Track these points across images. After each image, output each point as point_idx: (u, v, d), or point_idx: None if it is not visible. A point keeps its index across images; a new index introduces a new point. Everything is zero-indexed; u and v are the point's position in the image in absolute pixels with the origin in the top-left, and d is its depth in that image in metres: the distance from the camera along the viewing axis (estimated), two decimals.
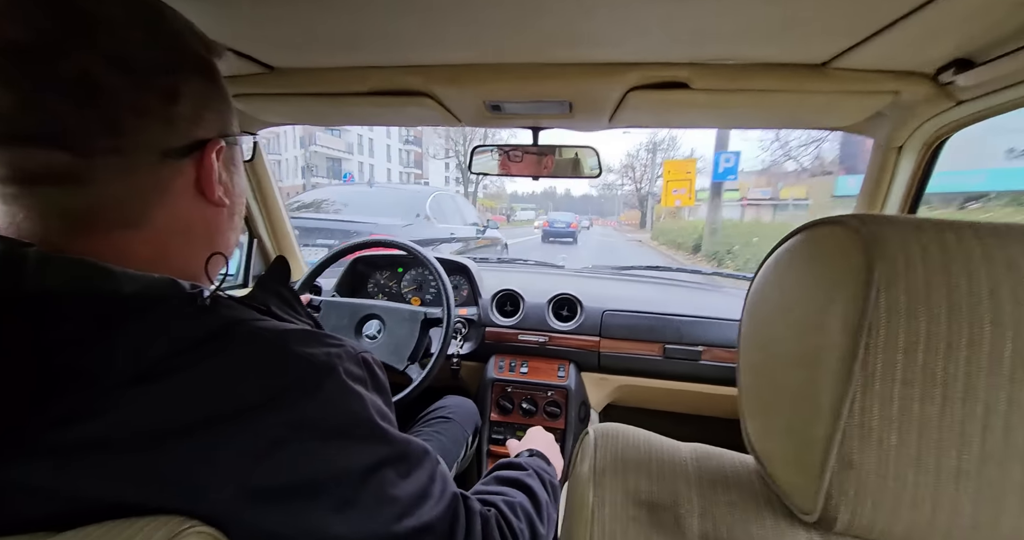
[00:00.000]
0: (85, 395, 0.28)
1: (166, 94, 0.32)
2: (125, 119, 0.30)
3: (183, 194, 0.35)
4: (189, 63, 0.34)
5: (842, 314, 0.26)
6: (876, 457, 0.25)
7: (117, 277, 0.31)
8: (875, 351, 0.24)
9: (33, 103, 0.28)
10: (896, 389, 0.24)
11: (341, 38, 0.66)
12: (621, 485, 0.33)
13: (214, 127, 0.36)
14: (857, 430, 0.25)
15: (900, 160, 0.82)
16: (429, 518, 0.35)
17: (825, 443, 0.26)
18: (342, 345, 0.36)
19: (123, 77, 0.30)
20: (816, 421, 0.26)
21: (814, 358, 0.27)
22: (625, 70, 0.72)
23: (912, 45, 0.58)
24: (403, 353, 1.05)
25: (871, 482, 0.25)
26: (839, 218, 0.28)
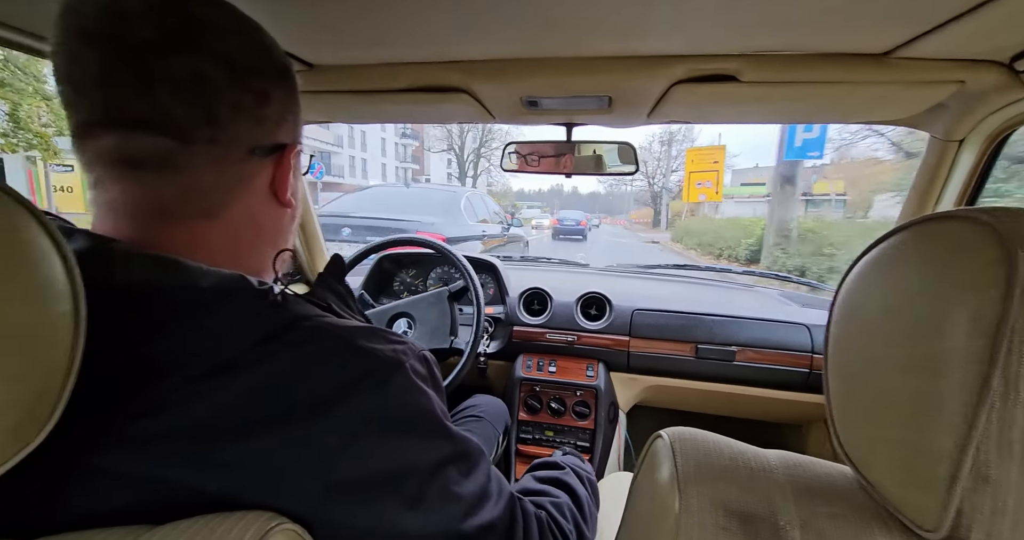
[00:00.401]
0: (168, 385, 0.28)
1: (259, 95, 0.35)
2: (223, 112, 0.33)
3: (259, 192, 0.37)
4: (278, 71, 0.37)
5: (972, 316, 0.23)
6: (1019, 472, 0.23)
7: (192, 272, 0.32)
8: (1019, 355, 0.22)
9: (148, 91, 0.31)
10: None
11: (379, 35, 0.66)
12: (709, 493, 0.31)
13: (291, 133, 0.39)
14: (995, 443, 0.23)
15: (960, 154, 0.78)
16: (491, 517, 0.36)
17: (955, 456, 0.24)
18: (406, 342, 0.36)
19: (225, 75, 0.33)
20: (940, 432, 0.24)
21: (933, 364, 0.25)
22: (671, 63, 0.70)
23: (988, 31, 0.54)
24: (443, 332, 1.06)
25: (1012, 500, 0.23)
26: (961, 212, 0.26)
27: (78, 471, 0.28)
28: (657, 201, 29.44)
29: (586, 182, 45.08)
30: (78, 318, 0.25)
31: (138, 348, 0.29)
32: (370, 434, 0.31)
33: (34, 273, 0.23)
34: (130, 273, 0.31)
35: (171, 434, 0.28)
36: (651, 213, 31.67)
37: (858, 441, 0.30)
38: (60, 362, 0.25)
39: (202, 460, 0.28)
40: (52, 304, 0.24)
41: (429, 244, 1.14)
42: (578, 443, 1.23)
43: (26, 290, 0.23)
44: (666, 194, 26.58)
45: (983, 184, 0.78)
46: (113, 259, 0.31)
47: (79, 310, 0.25)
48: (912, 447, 0.26)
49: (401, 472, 0.32)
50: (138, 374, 0.29)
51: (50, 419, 0.25)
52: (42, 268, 0.24)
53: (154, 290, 0.31)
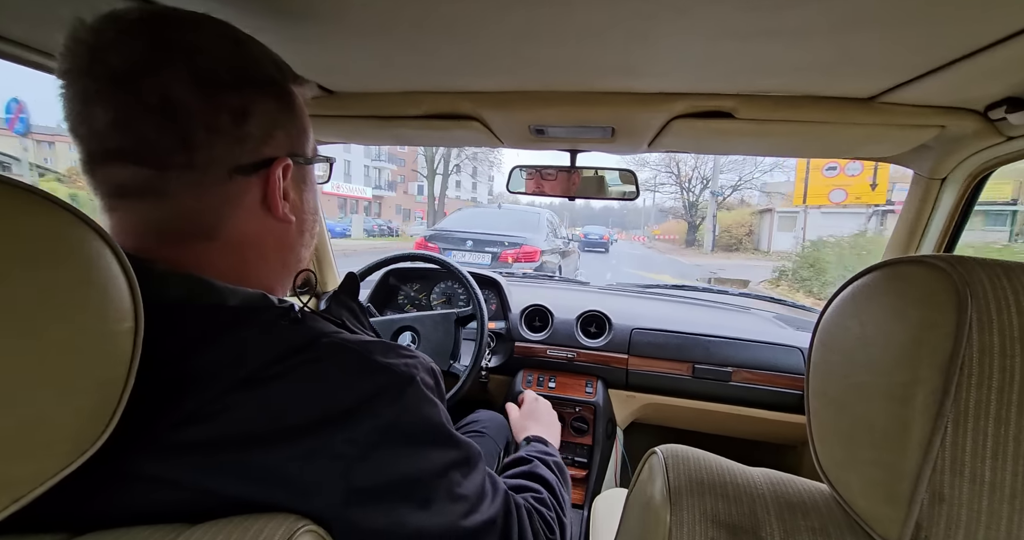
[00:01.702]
0: (202, 397, 0.31)
1: (236, 113, 0.34)
2: (196, 136, 0.33)
3: (252, 209, 0.37)
4: (261, 86, 0.36)
5: (931, 352, 0.27)
6: (969, 492, 0.26)
7: (220, 291, 0.34)
8: (967, 389, 0.26)
9: (122, 122, 0.32)
10: (990, 426, 0.25)
11: (396, 66, 0.70)
12: (699, 506, 0.34)
13: (283, 146, 0.38)
14: (949, 464, 0.26)
15: (942, 192, 0.83)
16: (491, 514, 0.38)
17: (915, 475, 0.27)
18: (416, 356, 0.39)
19: (199, 98, 0.33)
20: (905, 453, 0.27)
21: (902, 393, 0.28)
22: (671, 100, 0.74)
23: (963, 83, 0.59)
24: (444, 354, 1.08)
25: (963, 516, 0.26)
26: (924, 257, 0.30)
27: (122, 475, 0.30)
28: (692, 213, 23.96)
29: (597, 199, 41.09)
30: (137, 335, 0.28)
31: (176, 362, 0.31)
32: (386, 444, 0.33)
33: (106, 295, 0.26)
34: (167, 292, 0.33)
35: (207, 443, 0.30)
36: (681, 228, 25.53)
37: (835, 460, 0.33)
38: (119, 376, 0.27)
39: (235, 467, 0.30)
40: (118, 323, 0.27)
41: (435, 260, 1.17)
42: (576, 459, 1.24)
43: (99, 311, 0.26)
44: (712, 201, 19.86)
45: (965, 220, 0.83)
46: (152, 278, 0.32)
47: (138, 327, 0.28)
48: (882, 467, 0.29)
49: (413, 478, 0.34)
50: (176, 387, 0.31)
51: (107, 428, 0.27)
52: (112, 290, 0.27)
53: (188, 308, 0.33)
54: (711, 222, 19.56)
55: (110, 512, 0.30)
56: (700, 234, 22.25)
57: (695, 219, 23.97)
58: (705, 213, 22.01)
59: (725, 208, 22.95)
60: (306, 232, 0.43)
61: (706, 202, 22.72)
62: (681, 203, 25.21)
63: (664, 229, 30.62)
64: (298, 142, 0.40)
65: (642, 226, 40.40)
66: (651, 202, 33.21)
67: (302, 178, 0.42)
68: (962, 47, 0.51)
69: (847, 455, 0.32)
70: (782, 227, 17.87)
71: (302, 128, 0.41)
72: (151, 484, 0.30)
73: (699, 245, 21.38)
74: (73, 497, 0.29)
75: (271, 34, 0.58)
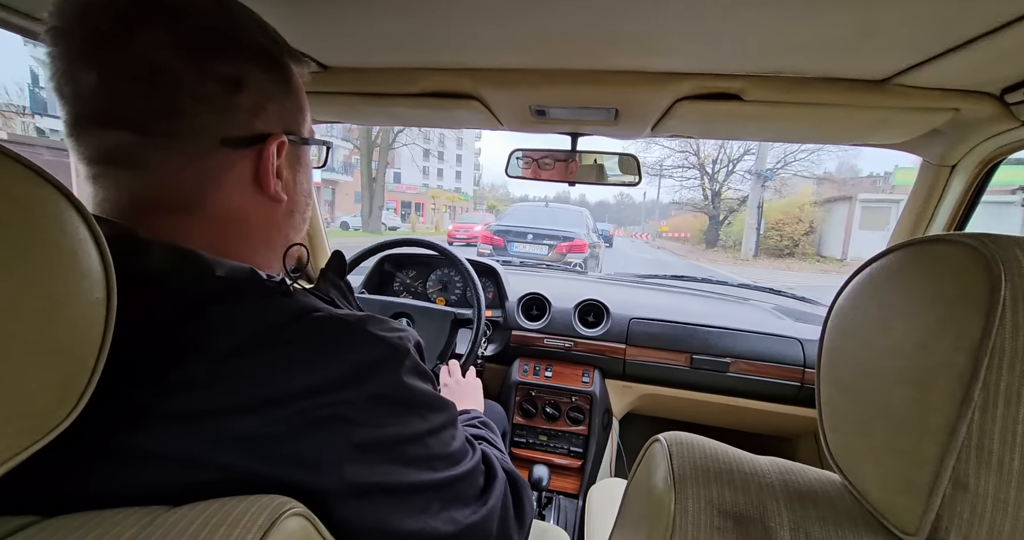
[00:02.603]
0: (192, 367, 0.29)
1: (228, 82, 0.33)
2: (183, 103, 0.32)
3: (239, 184, 0.36)
4: (254, 57, 0.35)
5: (958, 334, 0.25)
6: (995, 481, 0.24)
7: (209, 262, 0.33)
8: (998, 372, 0.24)
9: (108, 85, 0.31)
10: (1021, 412, 0.24)
11: (394, 40, 0.67)
12: (704, 494, 0.33)
13: (278, 123, 0.37)
14: (975, 452, 0.25)
15: (951, 180, 0.81)
16: (474, 463, 0.41)
17: (937, 463, 0.25)
18: (407, 330, 0.39)
19: (186, 63, 0.32)
20: (926, 441, 0.26)
21: (923, 377, 0.26)
22: (677, 79, 0.72)
23: (981, 64, 0.57)
24: (432, 352, 1.06)
25: (988, 506, 0.25)
26: (951, 236, 0.28)
27: (106, 449, 0.28)
28: (716, 204, 18.55)
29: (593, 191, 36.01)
30: (110, 304, 0.26)
31: (159, 332, 0.30)
32: (383, 408, 0.34)
33: (75, 262, 0.24)
34: (153, 260, 0.32)
35: (196, 412, 0.29)
36: (696, 224, 20.50)
37: (848, 449, 0.32)
38: (92, 346, 0.26)
39: (231, 435, 0.29)
40: (88, 292, 0.25)
41: (434, 246, 1.15)
42: (572, 448, 1.24)
43: (67, 279, 0.24)
44: (757, 186, 13.51)
45: (973, 208, 0.81)
46: (135, 246, 0.32)
47: (111, 297, 0.26)
48: (899, 455, 0.28)
49: (409, 437, 0.35)
50: (164, 355, 0.30)
51: (80, 400, 0.25)
52: (81, 257, 0.25)
53: (172, 277, 0.32)
54: (755, 216, 13.45)
55: (87, 492, 0.28)
56: (730, 232, 17.31)
57: (719, 212, 18.69)
58: (733, 205, 18.16)
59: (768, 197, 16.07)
60: (297, 214, 0.42)
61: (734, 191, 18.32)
62: (699, 193, 19.65)
63: (673, 225, 25.65)
64: (294, 120, 0.39)
65: (641, 222, 36.77)
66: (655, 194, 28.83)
67: (297, 158, 0.41)
68: (983, 24, 0.48)
69: (862, 443, 0.31)
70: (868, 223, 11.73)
71: (299, 106, 0.40)
72: (134, 458, 0.29)
73: (731, 248, 16.52)
74: (44, 476, 0.28)
75: (263, 4, 0.56)
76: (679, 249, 19.76)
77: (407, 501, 0.35)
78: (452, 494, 0.38)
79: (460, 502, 0.39)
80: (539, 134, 1.06)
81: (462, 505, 0.39)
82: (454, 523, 0.37)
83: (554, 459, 1.23)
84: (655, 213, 31.77)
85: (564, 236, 5.61)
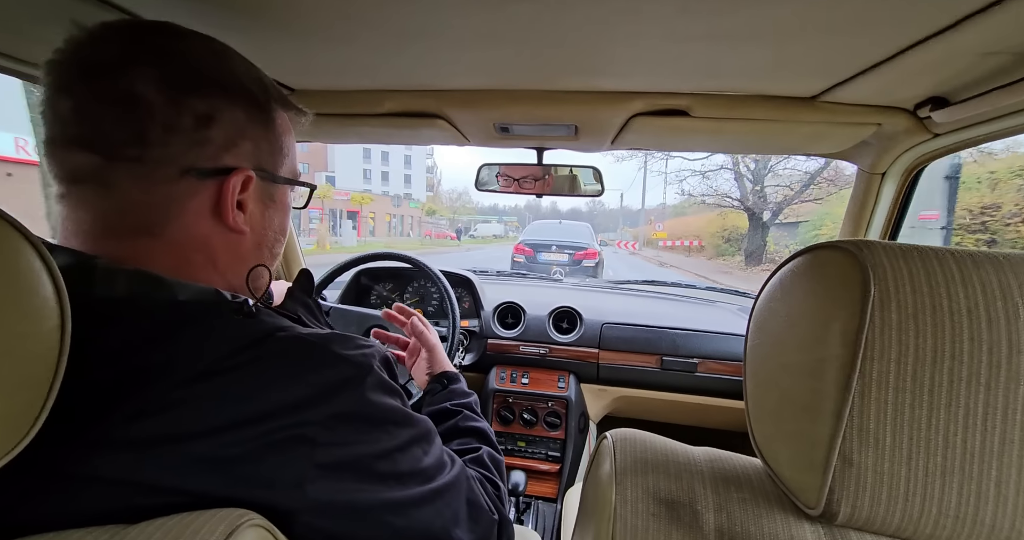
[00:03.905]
0: (153, 392, 0.30)
1: (200, 117, 0.35)
2: (152, 132, 0.34)
3: (201, 213, 0.37)
4: (235, 97, 0.37)
5: (842, 329, 0.29)
6: (873, 456, 0.28)
7: (171, 286, 0.34)
8: (870, 361, 0.28)
9: (84, 111, 0.33)
10: (889, 395, 0.28)
11: (360, 64, 0.70)
12: (642, 484, 0.36)
13: (248, 159, 0.38)
14: (856, 431, 0.29)
15: (883, 185, 0.88)
16: (449, 479, 0.41)
17: (828, 443, 0.29)
18: (372, 346, 0.40)
19: (163, 96, 0.34)
20: (820, 424, 0.30)
21: (818, 368, 0.31)
22: (630, 98, 0.77)
23: (892, 84, 0.63)
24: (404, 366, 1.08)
25: (868, 478, 0.29)
26: (840, 243, 0.32)
27: (66, 475, 0.29)
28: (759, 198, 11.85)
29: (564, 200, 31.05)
30: (63, 333, 0.27)
31: (122, 358, 0.31)
32: (347, 427, 0.34)
33: (27, 293, 0.25)
34: (112, 287, 0.33)
35: (158, 438, 0.29)
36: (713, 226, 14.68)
37: (766, 436, 0.36)
38: (44, 375, 0.26)
39: (190, 460, 0.30)
40: (41, 321, 0.26)
41: (407, 259, 1.17)
42: (549, 453, 1.26)
43: (19, 309, 0.25)
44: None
45: (905, 211, 0.88)
46: (96, 274, 0.32)
47: (65, 326, 0.27)
48: (802, 438, 0.32)
49: (375, 454, 0.36)
50: (124, 383, 0.30)
51: (31, 429, 0.26)
52: (34, 288, 0.25)
53: (135, 303, 0.33)
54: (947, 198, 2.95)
55: (46, 516, 0.28)
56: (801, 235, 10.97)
57: (763, 209, 11.88)
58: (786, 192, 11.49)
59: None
60: (264, 248, 0.43)
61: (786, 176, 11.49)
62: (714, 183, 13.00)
63: (673, 230, 18.87)
64: (269, 159, 0.41)
65: (616, 229, 32.20)
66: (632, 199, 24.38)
67: (269, 195, 0.42)
68: (889, 48, 0.55)
69: (775, 430, 0.35)
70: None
71: (277, 147, 0.41)
72: (97, 484, 0.29)
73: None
74: (2, 502, 0.28)
75: (231, 30, 0.58)
76: (691, 265, 13.44)
77: (375, 518, 0.35)
78: (427, 511, 0.38)
79: (438, 518, 0.39)
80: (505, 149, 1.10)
81: (441, 522, 0.39)
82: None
83: (533, 464, 1.26)
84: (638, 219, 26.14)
85: (579, 246, 7.44)
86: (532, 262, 7.33)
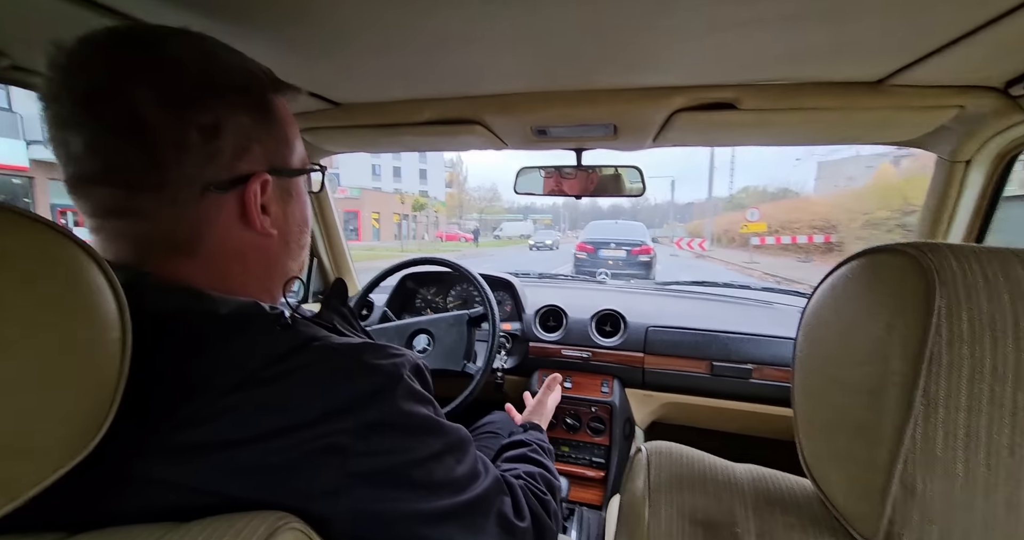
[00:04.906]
0: (198, 402, 0.32)
1: (207, 129, 0.34)
2: (166, 155, 0.33)
3: (230, 225, 0.37)
4: (232, 99, 0.36)
5: (902, 341, 0.26)
6: (943, 484, 0.25)
7: (215, 301, 0.36)
8: (936, 378, 0.25)
9: (93, 146, 0.33)
10: (960, 417, 0.25)
11: (400, 75, 0.72)
12: (676, 502, 0.34)
13: (261, 161, 0.38)
14: (921, 456, 0.25)
15: (968, 175, 0.78)
16: (482, 490, 0.40)
17: (887, 469, 0.26)
18: (403, 355, 0.40)
19: (164, 115, 0.33)
20: (877, 446, 0.27)
21: (875, 384, 0.27)
22: (671, 93, 0.74)
23: (978, 60, 0.56)
24: (458, 355, 1.10)
25: (937, 509, 0.25)
26: (899, 245, 0.29)
27: (123, 477, 0.31)
28: None
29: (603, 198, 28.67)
30: (125, 343, 0.29)
31: (171, 369, 0.32)
32: (379, 436, 0.34)
33: (93, 306, 0.28)
34: (162, 302, 0.34)
35: (206, 444, 0.31)
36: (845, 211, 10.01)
37: (817, 456, 0.33)
38: (110, 381, 0.29)
39: (233, 467, 0.31)
40: (106, 331, 0.28)
41: (448, 264, 1.19)
42: (593, 459, 1.24)
43: (87, 320, 0.27)
44: None
45: (995, 204, 0.78)
46: (147, 290, 0.34)
47: (126, 336, 0.29)
48: (858, 461, 0.28)
49: (407, 464, 0.36)
50: (172, 393, 0.32)
51: (99, 431, 0.28)
52: (99, 301, 0.28)
53: (182, 316, 0.34)
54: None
55: (109, 513, 0.31)
56: None
57: None
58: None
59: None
60: (291, 243, 0.43)
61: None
62: None
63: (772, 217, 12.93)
64: (278, 155, 0.40)
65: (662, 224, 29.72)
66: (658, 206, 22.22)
67: (286, 191, 0.41)
68: (974, 19, 0.48)
69: (828, 450, 0.31)
70: None
71: (282, 139, 0.40)
72: (151, 486, 0.31)
73: None
74: (72, 499, 0.30)
75: (276, 53, 0.62)
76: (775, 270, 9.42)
77: (407, 528, 0.35)
78: (457, 522, 0.38)
79: (467, 531, 0.38)
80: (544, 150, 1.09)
81: (471, 534, 0.38)
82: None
83: (577, 470, 1.24)
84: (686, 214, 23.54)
85: (635, 243, 8.36)
86: (594, 258, 8.29)
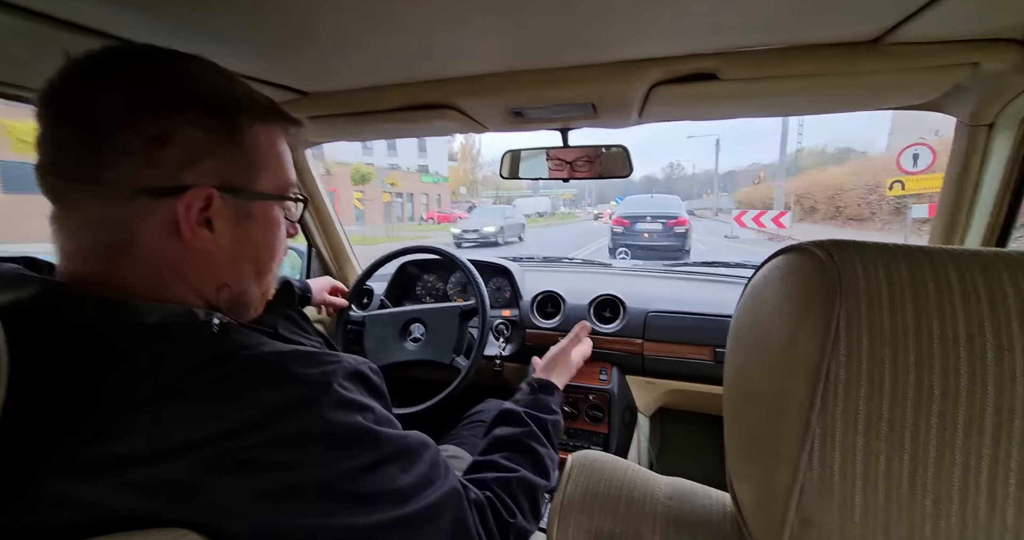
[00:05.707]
0: (108, 415, 0.31)
1: (153, 138, 0.35)
2: (108, 153, 0.35)
3: (162, 232, 0.37)
4: (191, 115, 0.37)
5: (803, 356, 0.23)
6: (839, 518, 0.22)
7: (141, 309, 0.35)
8: (834, 398, 0.21)
9: (48, 137, 0.36)
10: (859, 442, 0.21)
11: (368, 61, 0.70)
12: (585, 522, 0.32)
13: (211, 177, 0.38)
14: (817, 485, 0.22)
15: (992, 139, 0.69)
16: (433, 500, 0.38)
17: (785, 496, 0.23)
18: (338, 361, 0.38)
19: (119, 117, 0.35)
20: (778, 471, 0.24)
21: (778, 404, 0.24)
22: (646, 66, 0.68)
23: (989, 8, 0.48)
24: (448, 347, 1.10)
25: None
26: (810, 244, 0.25)
27: (23, 492, 0.30)
28: None
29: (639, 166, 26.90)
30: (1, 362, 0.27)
31: (82, 382, 0.32)
32: (296, 450, 0.33)
33: None
34: (78, 313, 0.34)
35: (110, 460, 0.30)
36: None
37: (737, 472, 0.30)
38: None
39: (138, 483, 0.30)
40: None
41: (438, 252, 1.18)
42: (592, 447, 1.22)
43: None
44: None
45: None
46: (63, 301, 0.34)
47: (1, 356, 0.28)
48: (764, 484, 0.26)
49: (332, 476, 0.34)
50: (81, 406, 0.31)
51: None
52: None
53: (97, 328, 0.33)
54: None
55: (9, 529, 0.30)
56: None
57: None
58: None
59: None
60: (244, 265, 0.42)
61: None
62: None
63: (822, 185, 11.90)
64: (239, 175, 0.40)
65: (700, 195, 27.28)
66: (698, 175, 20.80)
67: (242, 212, 0.41)
68: None
69: (746, 468, 0.28)
70: None
71: (248, 162, 0.40)
72: (53, 502, 0.30)
73: None
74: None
75: (240, 44, 0.61)
76: None
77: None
78: (405, 534, 0.36)
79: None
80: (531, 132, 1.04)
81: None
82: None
83: None
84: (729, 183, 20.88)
85: (671, 215, 8.31)
86: (630, 232, 8.39)
